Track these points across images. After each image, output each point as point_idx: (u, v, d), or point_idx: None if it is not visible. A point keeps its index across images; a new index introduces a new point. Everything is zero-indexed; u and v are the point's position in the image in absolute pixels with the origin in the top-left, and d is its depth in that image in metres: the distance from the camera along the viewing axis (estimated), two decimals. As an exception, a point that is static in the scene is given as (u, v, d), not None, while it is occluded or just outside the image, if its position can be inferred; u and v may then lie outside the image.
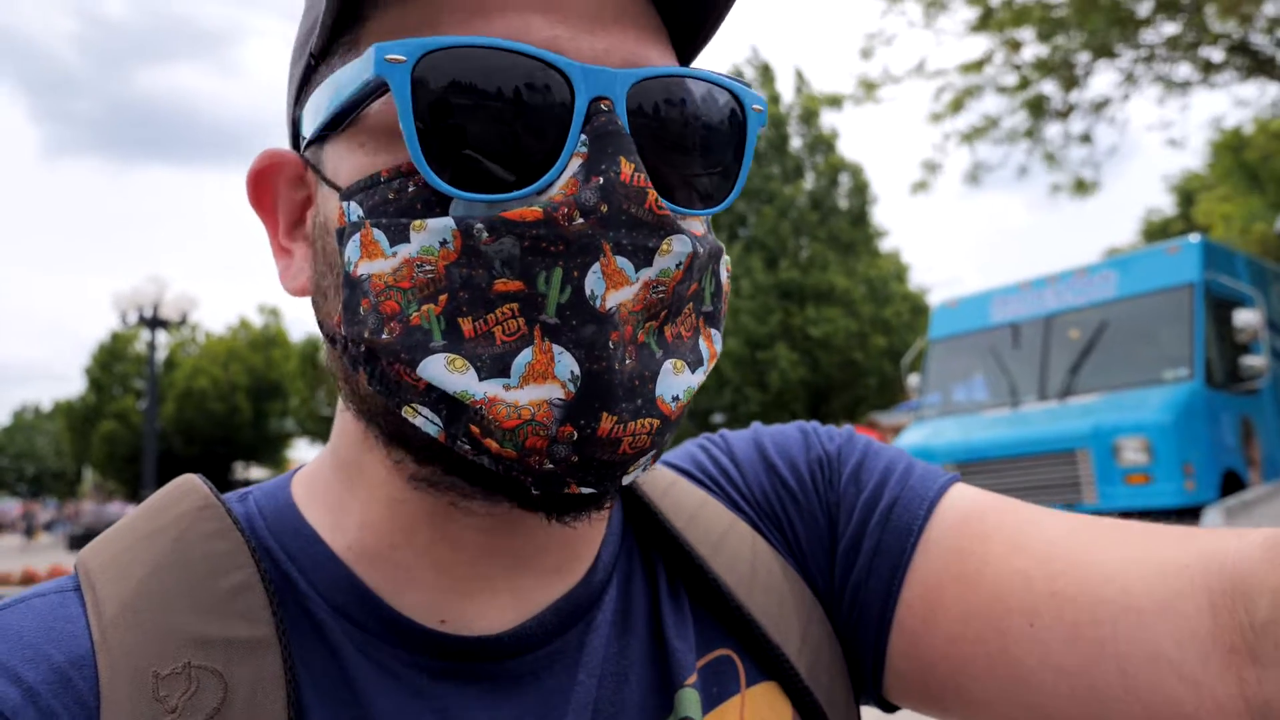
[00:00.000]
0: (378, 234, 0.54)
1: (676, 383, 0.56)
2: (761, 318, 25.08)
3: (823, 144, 27.41)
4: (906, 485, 0.74)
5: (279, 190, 0.65)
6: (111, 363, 43.97)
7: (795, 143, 27.56)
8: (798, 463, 0.78)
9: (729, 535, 0.73)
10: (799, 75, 27.93)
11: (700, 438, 0.85)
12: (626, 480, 0.56)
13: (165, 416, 39.23)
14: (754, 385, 24.90)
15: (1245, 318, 8.95)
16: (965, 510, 0.71)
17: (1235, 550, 0.57)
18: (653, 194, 0.53)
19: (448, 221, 0.53)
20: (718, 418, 25.63)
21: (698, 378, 0.58)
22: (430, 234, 0.53)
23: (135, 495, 38.51)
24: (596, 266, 0.52)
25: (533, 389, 0.52)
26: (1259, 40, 13.10)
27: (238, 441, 42.01)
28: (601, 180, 0.52)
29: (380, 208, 0.55)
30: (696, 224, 0.60)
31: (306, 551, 0.63)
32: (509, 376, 0.52)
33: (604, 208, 0.52)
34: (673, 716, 0.64)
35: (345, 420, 0.64)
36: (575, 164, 0.53)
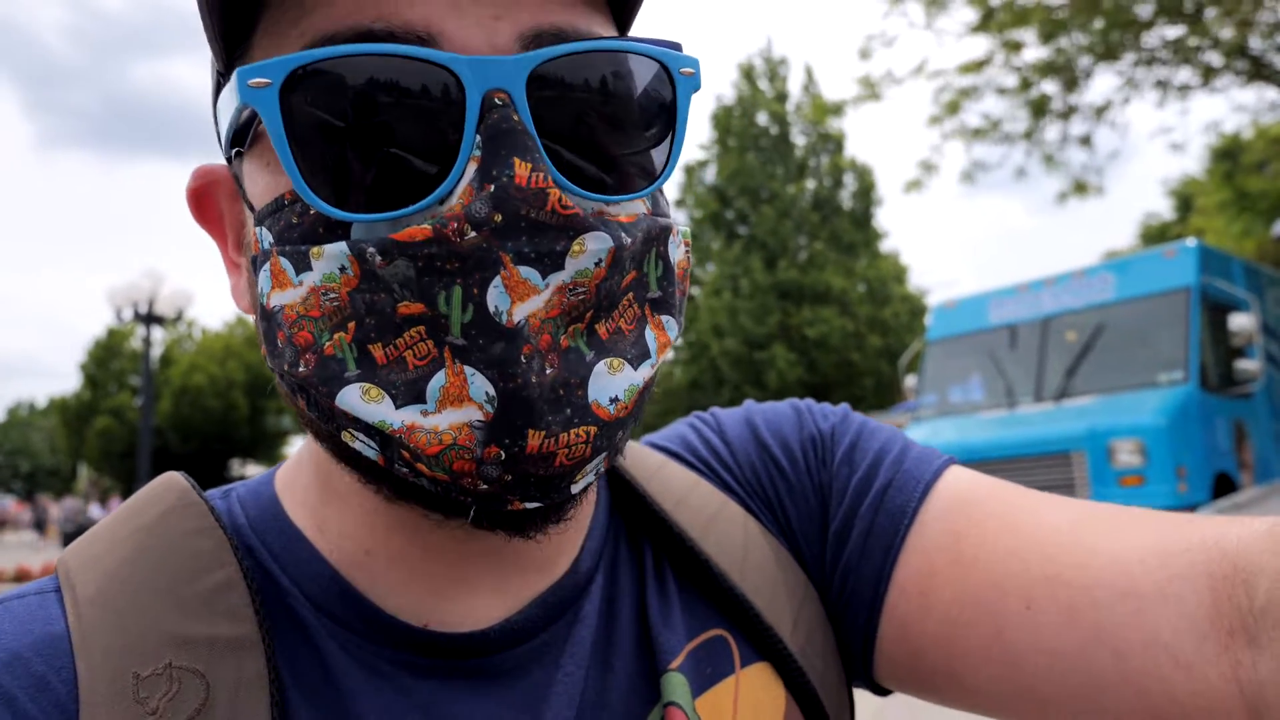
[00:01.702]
0: (284, 262, 0.53)
1: (614, 383, 0.53)
2: (760, 318, 25.06)
3: (830, 142, 27.32)
4: (901, 467, 0.72)
5: (221, 205, 0.64)
6: (107, 359, 43.84)
7: (799, 141, 27.48)
8: (790, 442, 0.77)
9: (719, 517, 0.72)
10: (808, 73, 27.83)
11: (691, 416, 0.83)
12: (576, 488, 0.54)
13: (161, 413, 39.13)
14: (751, 385, 24.87)
15: (1240, 322, 8.97)
16: (961, 494, 0.70)
17: (1238, 535, 0.57)
18: (554, 194, 0.49)
19: (343, 247, 0.50)
20: (714, 417, 25.51)
21: (643, 372, 0.55)
22: (329, 260, 0.51)
23: (128, 493, 38.29)
24: (497, 280, 0.49)
25: (450, 413, 0.49)
26: (1258, 45, 13.12)
27: (234, 438, 41.89)
28: (494, 187, 0.48)
29: (285, 234, 0.53)
30: (636, 205, 0.57)
31: (289, 550, 0.62)
32: (425, 402, 0.50)
33: (498, 217, 0.48)
34: (660, 702, 0.63)
35: None
36: (472, 169, 0.49)
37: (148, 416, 15.90)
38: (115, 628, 0.55)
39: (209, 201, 0.64)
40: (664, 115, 0.57)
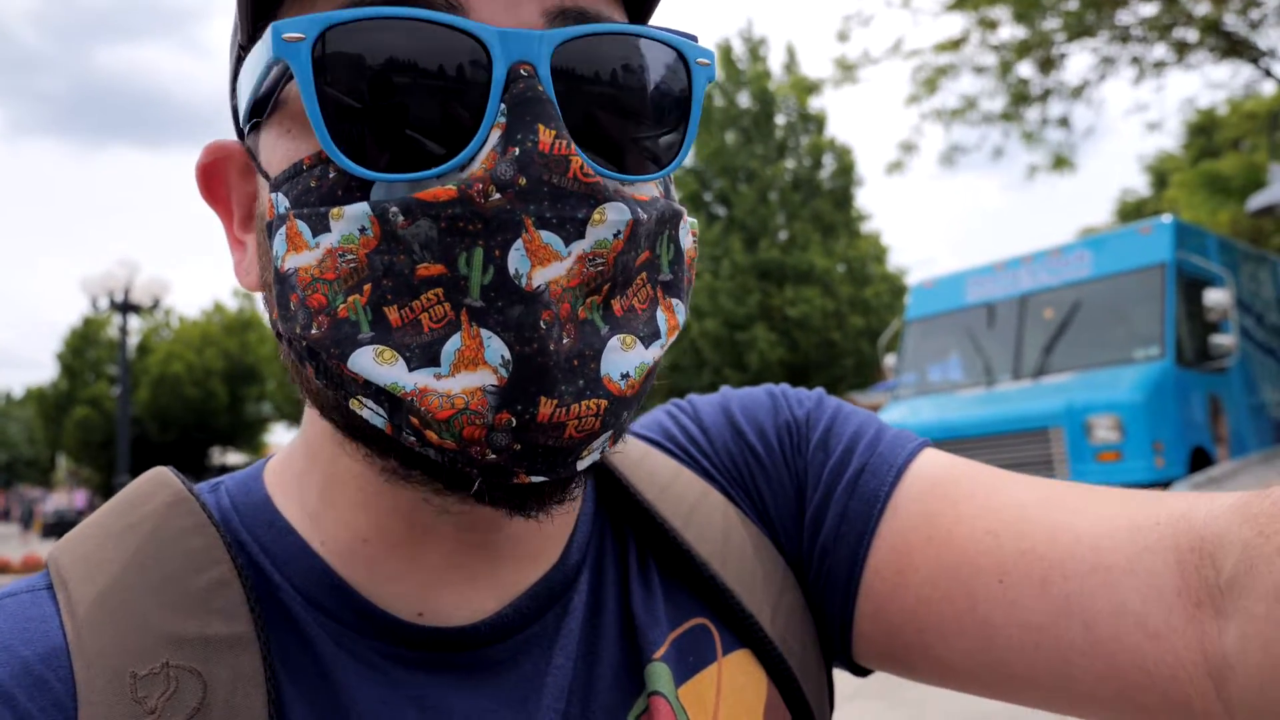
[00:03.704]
0: (301, 225, 0.53)
1: (625, 359, 0.54)
2: (740, 298, 25.04)
3: (812, 122, 27.23)
4: (875, 451, 0.73)
5: (230, 181, 0.64)
6: (84, 348, 43.33)
7: (780, 120, 27.37)
8: (765, 429, 0.78)
9: (701, 505, 0.73)
10: (790, 52, 27.71)
11: (668, 404, 0.84)
12: (582, 465, 0.54)
13: (139, 402, 38.78)
14: (732, 366, 24.91)
15: (1215, 297, 9.07)
16: (935, 475, 0.71)
17: (1206, 510, 0.58)
18: (577, 161, 0.50)
19: (364, 207, 0.51)
20: (696, 399, 25.47)
21: (653, 352, 0.56)
22: (349, 221, 0.51)
23: (108, 483, 37.94)
24: (519, 243, 0.49)
25: (465, 376, 0.50)
26: (1232, 21, 13.19)
27: (214, 427, 41.56)
28: (518, 151, 0.49)
29: (303, 197, 0.54)
30: (649, 188, 0.58)
31: (280, 544, 0.62)
32: (439, 365, 0.50)
33: (522, 180, 0.49)
34: (644, 692, 0.64)
35: (312, 413, 0.63)
36: (495, 135, 0.50)
37: (125, 406, 15.78)
38: (111, 627, 0.55)
39: (218, 178, 0.65)
40: (679, 103, 0.59)
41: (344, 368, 0.52)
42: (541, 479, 0.53)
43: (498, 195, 0.49)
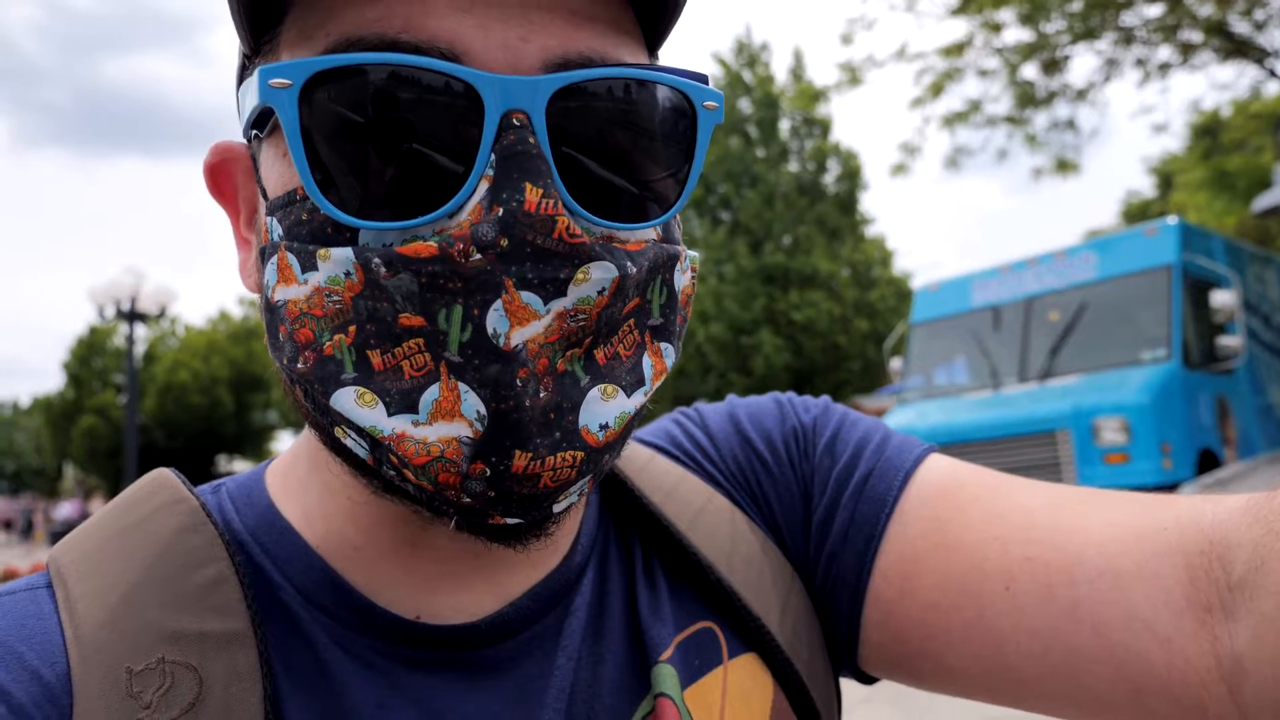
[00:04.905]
0: (291, 258, 0.53)
1: (605, 410, 0.54)
2: (745, 303, 25.04)
3: (816, 126, 27.21)
4: (882, 456, 0.73)
5: (238, 180, 0.64)
6: (90, 357, 43.50)
7: (784, 124, 27.36)
8: (772, 435, 0.78)
9: (707, 510, 0.73)
10: (796, 56, 27.69)
11: (674, 412, 0.84)
12: (559, 508, 0.54)
13: (146, 411, 38.89)
14: (738, 371, 24.90)
15: (1222, 299, 9.04)
16: (942, 480, 0.71)
17: (1213, 513, 0.58)
18: (563, 221, 0.49)
19: (349, 253, 0.51)
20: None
21: (635, 400, 0.56)
22: (334, 264, 0.51)
23: (115, 491, 37.95)
24: (498, 304, 0.49)
25: (441, 426, 0.50)
26: (1236, 22, 13.18)
27: (220, 435, 41.68)
28: (502, 211, 0.48)
29: (294, 229, 0.54)
30: (646, 231, 0.57)
31: (280, 544, 0.62)
32: (417, 412, 0.50)
33: (504, 242, 0.48)
34: (650, 693, 0.64)
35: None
36: (483, 187, 0.49)
37: (133, 414, 15.81)
38: (108, 623, 0.55)
39: (225, 177, 0.65)
40: (683, 146, 0.57)
41: (328, 403, 0.53)
42: (517, 521, 0.53)
43: (478, 256, 0.49)
